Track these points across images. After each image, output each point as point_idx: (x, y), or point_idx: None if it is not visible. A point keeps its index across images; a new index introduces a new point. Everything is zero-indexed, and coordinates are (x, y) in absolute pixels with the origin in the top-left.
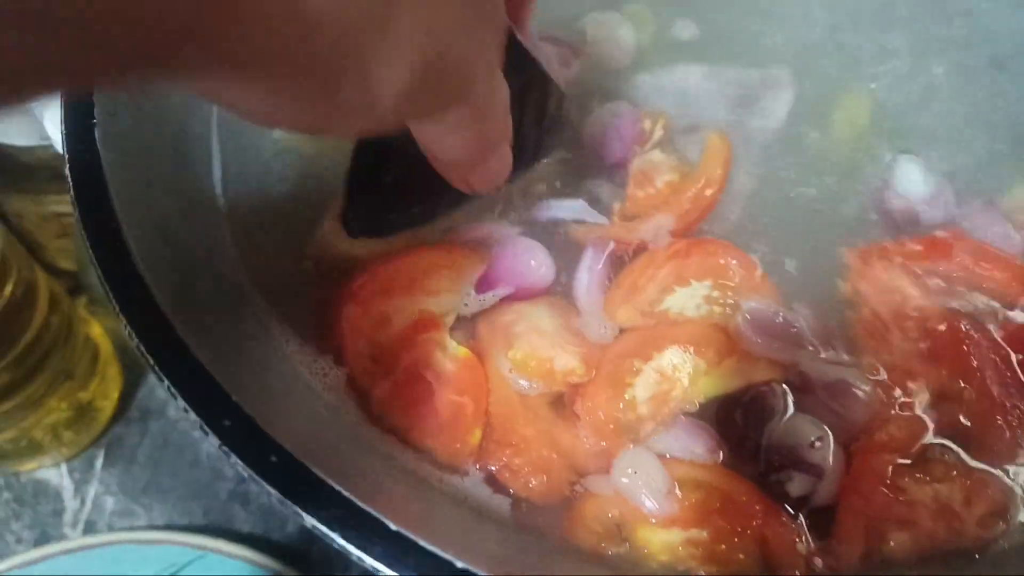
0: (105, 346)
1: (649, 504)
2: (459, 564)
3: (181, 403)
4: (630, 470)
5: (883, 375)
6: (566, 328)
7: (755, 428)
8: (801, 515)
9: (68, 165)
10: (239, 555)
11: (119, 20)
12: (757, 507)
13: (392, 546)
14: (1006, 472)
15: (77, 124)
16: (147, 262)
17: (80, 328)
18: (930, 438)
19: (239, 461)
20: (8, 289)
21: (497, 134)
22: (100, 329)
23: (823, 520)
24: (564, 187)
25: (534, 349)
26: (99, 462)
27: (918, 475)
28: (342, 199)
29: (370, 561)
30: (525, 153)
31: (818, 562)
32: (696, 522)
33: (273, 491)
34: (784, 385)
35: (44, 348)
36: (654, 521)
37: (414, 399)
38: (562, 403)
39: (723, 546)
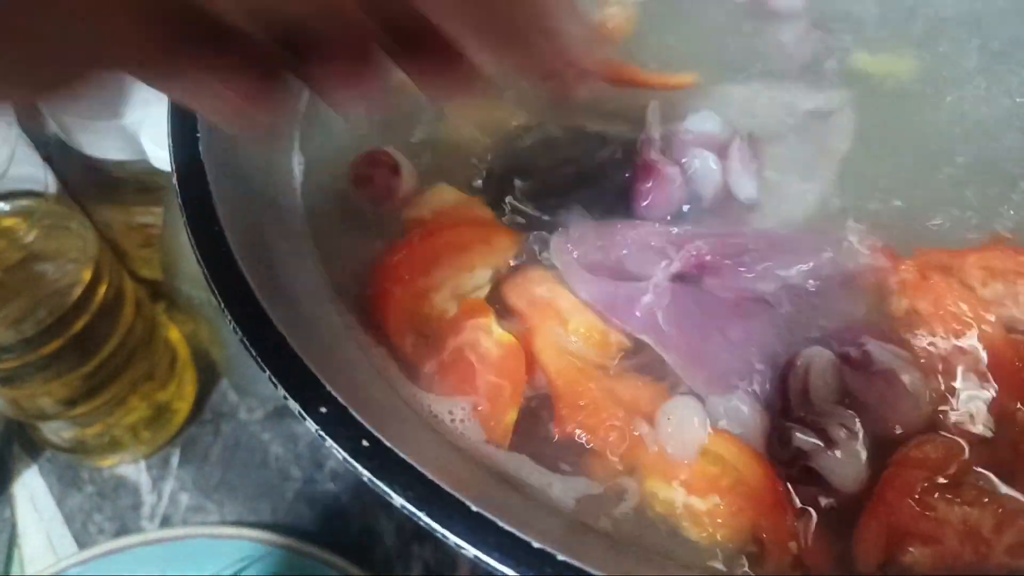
0: (183, 351)
1: (671, 451)
2: (536, 545)
3: (281, 391)
4: (670, 417)
5: (940, 384)
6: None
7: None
8: (812, 509)
9: (175, 174)
10: (306, 552)
11: None
12: (766, 499)
13: (473, 524)
14: None
15: (184, 137)
16: (247, 263)
17: (161, 332)
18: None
19: (334, 445)
20: (101, 292)
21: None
22: (178, 334)
23: (837, 522)
24: None
25: (590, 323)
26: (175, 460)
27: (948, 496)
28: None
29: (453, 539)
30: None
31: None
32: (701, 491)
33: (365, 472)
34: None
35: (129, 349)
36: (667, 473)
37: (458, 378)
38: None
39: (717, 519)
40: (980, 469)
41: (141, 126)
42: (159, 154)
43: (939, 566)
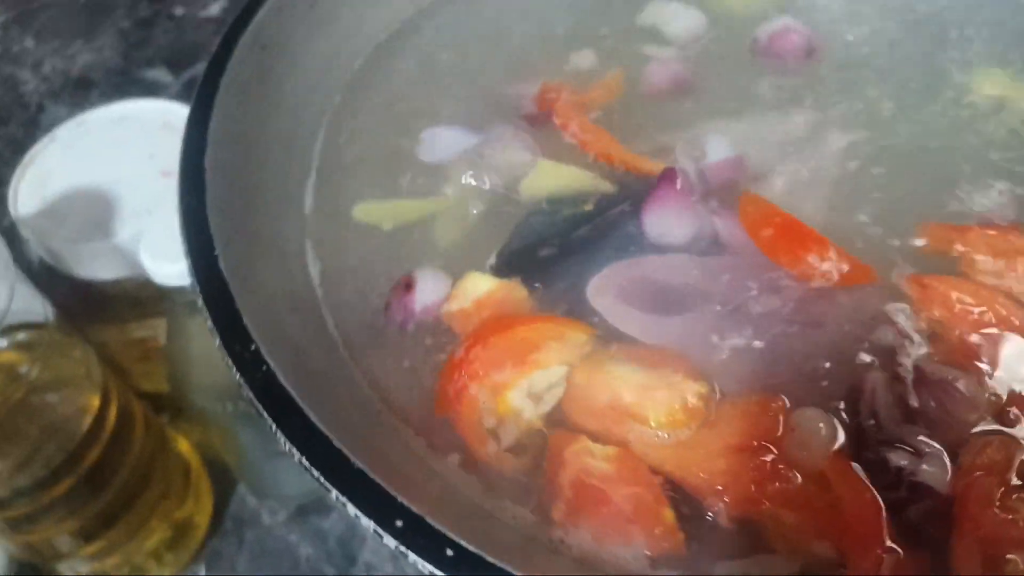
0: (194, 461)
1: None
2: None
3: (352, 510)
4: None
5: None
6: (638, 361)
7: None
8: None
9: (201, 295)
10: None
11: None
12: (857, 526)
13: None
14: None
15: (201, 254)
16: (291, 381)
17: (170, 446)
18: None
19: (418, 559)
20: (112, 417)
21: None
22: (187, 444)
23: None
24: None
25: (666, 405)
26: None
27: None
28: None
29: None
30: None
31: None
32: (794, 505)
33: None
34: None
35: (143, 471)
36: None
37: (595, 509)
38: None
39: (802, 536)
40: None
41: (137, 243)
42: (161, 269)
43: None
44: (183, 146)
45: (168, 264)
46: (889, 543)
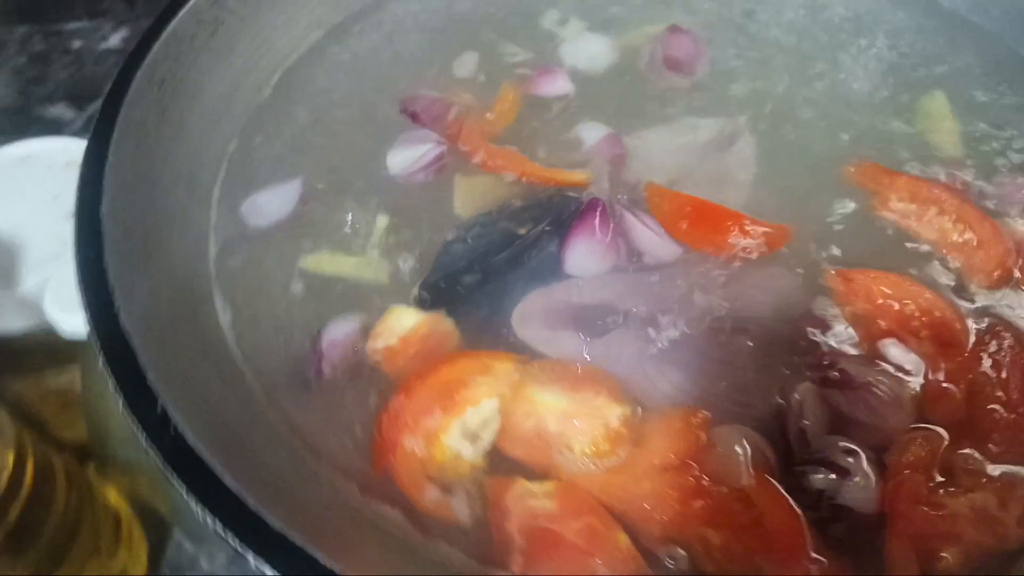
0: (124, 510)
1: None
2: None
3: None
4: (718, 444)
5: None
6: (561, 382)
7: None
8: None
9: (102, 355)
10: None
11: None
12: (782, 542)
13: None
14: None
15: (102, 312)
16: (208, 445)
17: (97, 498)
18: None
19: None
20: (29, 473)
21: None
22: (116, 494)
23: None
24: None
25: (592, 433)
26: None
27: (951, 488)
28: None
29: None
30: None
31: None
32: (718, 523)
33: None
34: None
35: (69, 526)
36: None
37: (551, 552)
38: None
39: (728, 554)
40: (963, 451)
41: (42, 291)
42: (67, 321)
43: (971, 561)
44: (78, 193)
45: (73, 316)
46: (814, 555)
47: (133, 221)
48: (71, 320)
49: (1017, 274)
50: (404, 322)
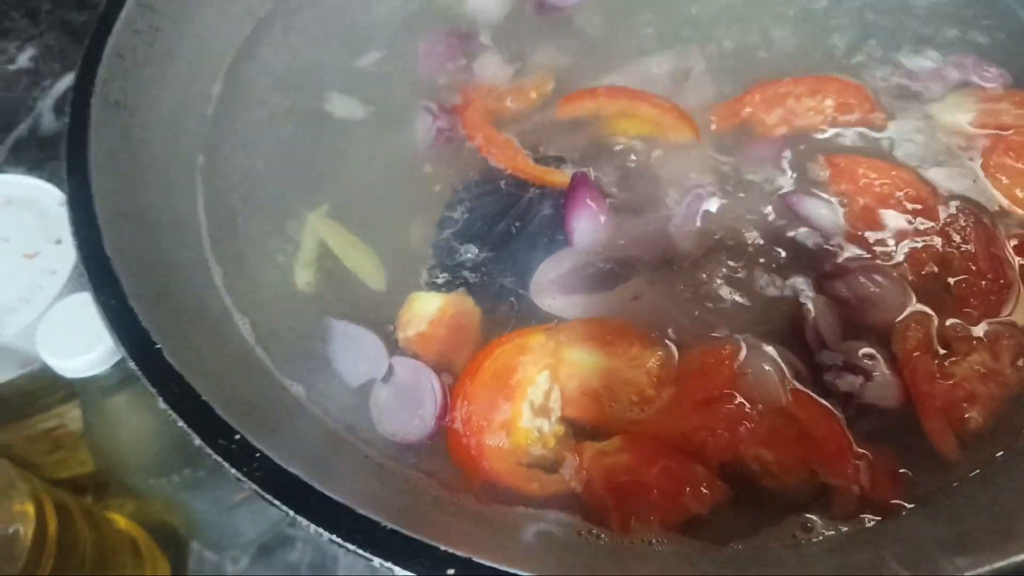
0: (138, 532)
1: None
2: None
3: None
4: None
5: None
6: (594, 341)
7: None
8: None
9: (160, 394)
10: None
11: None
12: (828, 447)
13: None
14: (1004, 322)
15: (145, 353)
16: (282, 457)
17: (110, 525)
18: (937, 320)
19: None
20: (51, 524)
21: None
22: (124, 519)
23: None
24: None
25: (631, 384)
26: None
27: (953, 359)
28: None
29: None
30: None
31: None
32: (768, 443)
33: None
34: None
35: (97, 560)
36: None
37: (640, 501)
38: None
39: (784, 469)
40: (950, 321)
41: (22, 339)
42: (69, 365)
43: (991, 413)
44: (77, 241)
45: (75, 357)
46: (859, 450)
47: (136, 255)
48: (70, 364)
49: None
50: (429, 307)
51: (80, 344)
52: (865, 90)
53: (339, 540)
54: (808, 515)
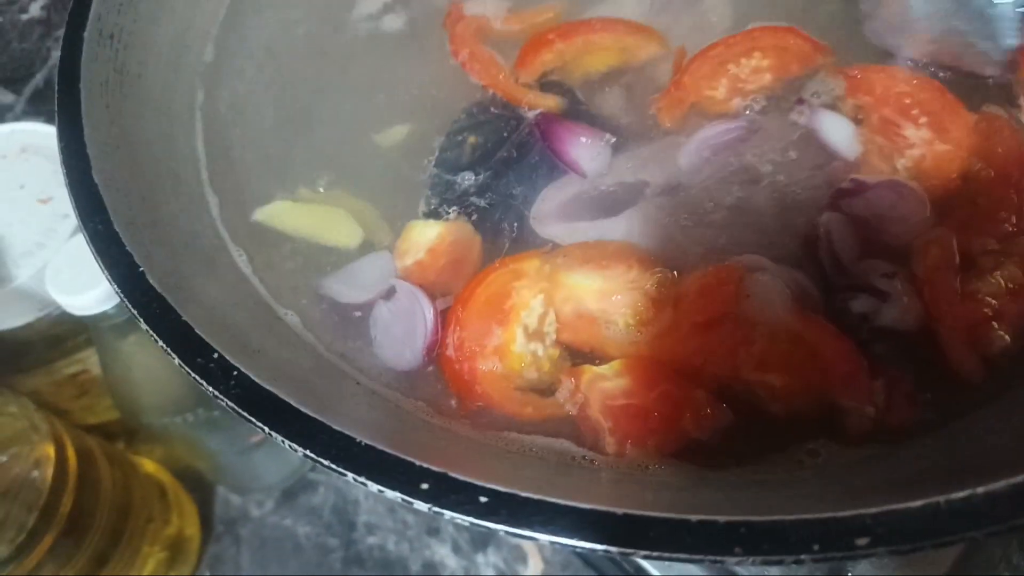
0: (166, 478)
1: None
2: None
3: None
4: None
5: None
6: (591, 263)
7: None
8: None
9: (140, 314)
10: None
11: None
12: (839, 369)
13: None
14: None
15: (129, 276)
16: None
17: (138, 471)
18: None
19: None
20: (72, 460)
21: None
22: (152, 464)
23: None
24: None
25: (626, 306)
26: None
27: (975, 275)
28: None
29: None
30: None
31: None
32: (775, 368)
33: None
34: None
35: (120, 503)
36: None
37: (638, 424)
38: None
39: (792, 393)
40: (974, 237)
41: (39, 282)
42: (76, 301)
43: (1018, 328)
44: (65, 169)
45: (81, 294)
46: (874, 372)
47: (126, 185)
48: (77, 300)
49: None
50: (428, 234)
51: (86, 281)
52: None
53: (313, 455)
54: (816, 440)
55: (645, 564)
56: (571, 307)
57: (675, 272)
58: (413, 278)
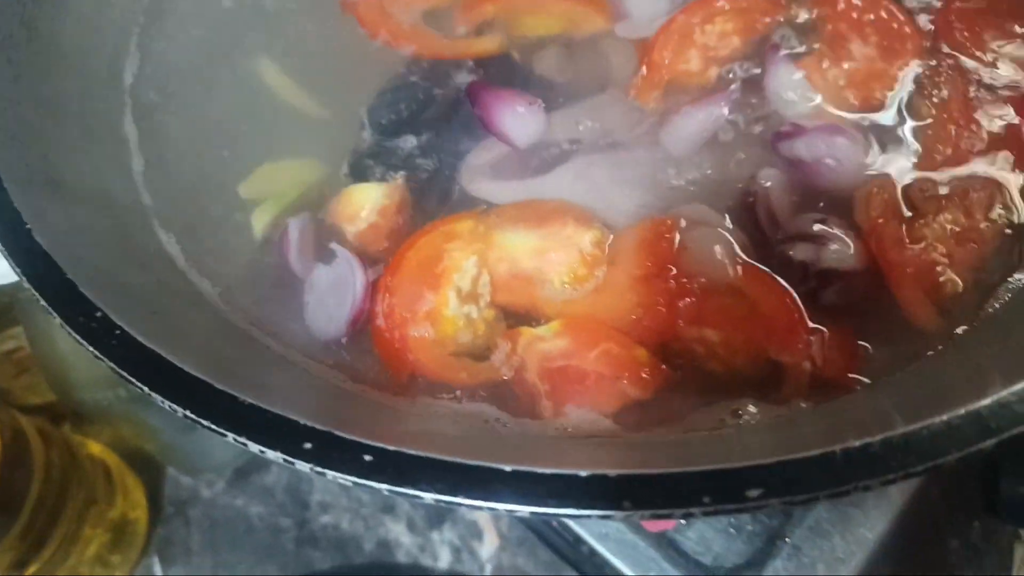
0: (112, 459)
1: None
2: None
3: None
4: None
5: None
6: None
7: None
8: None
9: (23, 273)
10: None
11: None
12: (779, 322)
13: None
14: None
15: (9, 229)
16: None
17: (81, 452)
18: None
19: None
20: None
21: None
22: (99, 446)
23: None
24: None
25: (568, 263)
26: (158, 568)
27: (921, 221)
28: None
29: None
30: None
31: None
32: (715, 323)
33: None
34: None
35: (57, 485)
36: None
37: (576, 387)
38: None
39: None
40: (915, 176)
41: None
42: None
43: (969, 273)
44: None
45: None
46: (813, 325)
47: (25, 142)
48: None
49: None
50: (371, 195)
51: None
52: None
53: (193, 415)
54: (741, 399)
55: (604, 551)
56: (506, 267)
57: (610, 231)
58: (367, 242)
